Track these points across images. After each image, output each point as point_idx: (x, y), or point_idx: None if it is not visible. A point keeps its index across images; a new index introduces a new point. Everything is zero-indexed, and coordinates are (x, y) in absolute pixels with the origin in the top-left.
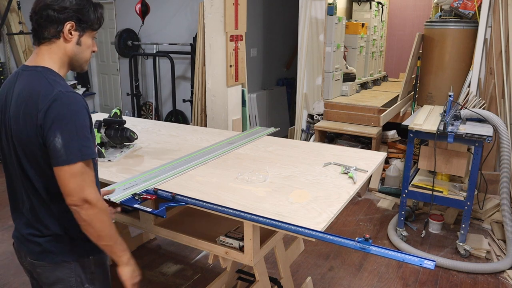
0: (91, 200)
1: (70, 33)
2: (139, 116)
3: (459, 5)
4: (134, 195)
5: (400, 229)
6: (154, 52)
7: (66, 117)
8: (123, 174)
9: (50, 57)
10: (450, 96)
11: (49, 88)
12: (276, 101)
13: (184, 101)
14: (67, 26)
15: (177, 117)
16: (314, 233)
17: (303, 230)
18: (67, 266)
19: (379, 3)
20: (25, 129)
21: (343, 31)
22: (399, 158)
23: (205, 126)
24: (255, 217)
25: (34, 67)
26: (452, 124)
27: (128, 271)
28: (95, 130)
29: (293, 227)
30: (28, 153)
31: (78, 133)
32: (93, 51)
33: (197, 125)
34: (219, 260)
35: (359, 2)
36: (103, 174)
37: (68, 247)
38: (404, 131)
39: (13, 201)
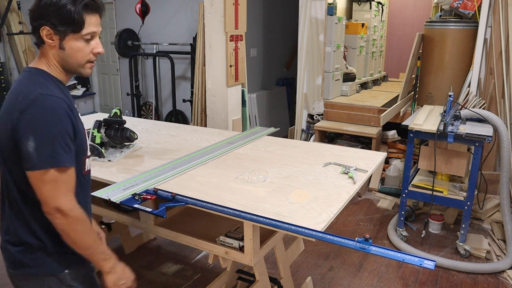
0: (64, 210)
1: (51, 39)
2: (139, 116)
3: (459, 5)
4: (134, 195)
5: (400, 229)
6: (154, 52)
7: (42, 121)
8: (123, 174)
9: (47, 61)
10: (450, 96)
11: (32, 89)
12: (276, 101)
13: (184, 101)
14: (43, 32)
15: (177, 117)
16: (314, 233)
17: (303, 230)
18: (40, 279)
19: (379, 3)
20: (4, 130)
21: (343, 31)
22: (399, 158)
23: (205, 126)
24: (255, 217)
25: (33, 69)
26: (452, 124)
27: (111, 279)
28: (95, 130)
29: (293, 227)
30: (5, 156)
31: (53, 138)
32: (98, 53)
33: (197, 125)
34: (219, 260)
35: (359, 2)
36: (103, 174)
37: (41, 260)
38: (404, 131)
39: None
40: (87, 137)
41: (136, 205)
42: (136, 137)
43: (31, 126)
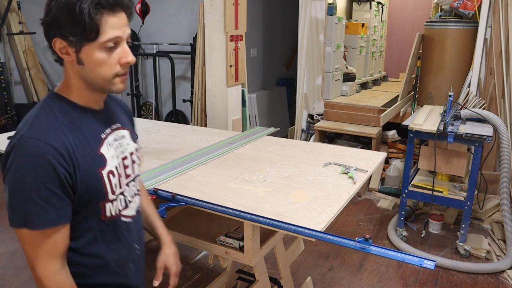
0: (40, 276)
1: (66, 53)
2: (139, 116)
3: (459, 5)
4: None
5: (400, 229)
6: (154, 52)
7: (14, 172)
8: None
9: (68, 81)
10: (450, 96)
11: (22, 127)
12: (276, 101)
13: (184, 101)
14: (55, 45)
15: (177, 117)
16: (314, 233)
17: (303, 230)
18: None
19: (379, 3)
20: None
21: (343, 31)
22: (399, 158)
23: (205, 126)
24: (255, 217)
25: (51, 94)
26: (452, 124)
27: None
28: None
29: (293, 227)
30: None
31: (26, 194)
32: (127, 63)
33: (197, 125)
34: (219, 260)
35: (359, 2)
36: None
37: None
38: (404, 131)
39: None
40: (110, 178)
41: None
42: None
43: (7, 175)
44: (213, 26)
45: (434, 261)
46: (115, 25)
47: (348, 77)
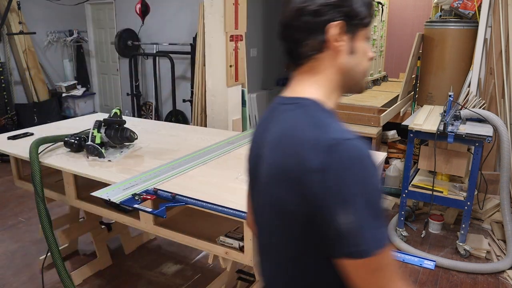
0: None
1: (339, 40)
2: (139, 116)
3: (459, 5)
4: (134, 195)
5: (400, 229)
6: (154, 52)
7: (354, 184)
8: (123, 174)
9: (315, 82)
10: (450, 96)
11: (320, 134)
12: None
13: (184, 101)
14: (333, 30)
15: (177, 117)
16: None
17: None
18: None
19: (379, 3)
20: (282, 194)
21: None
22: (399, 158)
23: (205, 126)
24: None
25: (294, 100)
26: (452, 124)
27: None
28: (95, 130)
29: None
30: (282, 227)
31: (372, 209)
32: (371, 58)
33: (197, 125)
34: (219, 260)
35: None
36: (103, 174)
37: None
38: (404, 131)
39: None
40: None
41: (136, 205)
42: (136, 137)
43: (338, 193)
44: (213, 26)
45: (434, 261)
46: None
47: None
